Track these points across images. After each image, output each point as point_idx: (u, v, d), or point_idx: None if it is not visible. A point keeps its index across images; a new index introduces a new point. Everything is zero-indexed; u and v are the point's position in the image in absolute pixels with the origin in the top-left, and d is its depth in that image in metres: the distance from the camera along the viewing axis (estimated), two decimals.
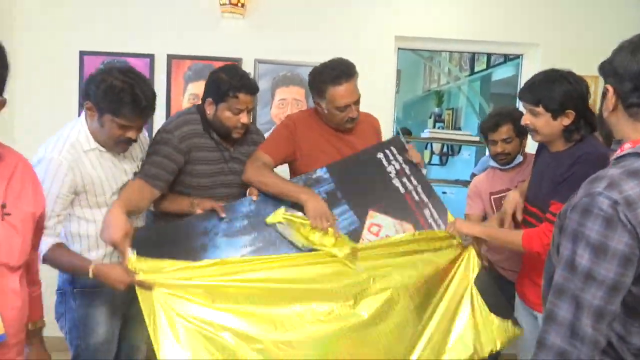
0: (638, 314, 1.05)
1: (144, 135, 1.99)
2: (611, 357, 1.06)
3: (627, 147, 1.10)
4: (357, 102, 2.03)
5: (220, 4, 2.90)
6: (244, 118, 1.90)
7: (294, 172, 2.12)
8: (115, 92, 1.61)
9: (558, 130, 1.73)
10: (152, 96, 1.69)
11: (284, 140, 2.07)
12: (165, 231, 1.86)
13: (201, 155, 1.94)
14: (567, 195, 1.59)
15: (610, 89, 1.12)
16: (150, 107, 1.70)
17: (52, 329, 1.76)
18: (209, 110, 1.94)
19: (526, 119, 1.77)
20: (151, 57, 2.97)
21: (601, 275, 0.99)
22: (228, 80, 1.87)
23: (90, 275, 1.63)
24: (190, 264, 1.67)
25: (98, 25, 2.93)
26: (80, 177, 1.69)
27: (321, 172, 1.98)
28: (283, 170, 2.10)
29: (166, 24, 2.98)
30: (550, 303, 1.07)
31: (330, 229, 1.80)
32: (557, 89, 1.68)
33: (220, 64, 2.20)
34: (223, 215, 1.83)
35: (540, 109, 1.71)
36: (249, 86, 1.89)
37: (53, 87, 2.93)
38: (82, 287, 1.77)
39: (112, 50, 2.93)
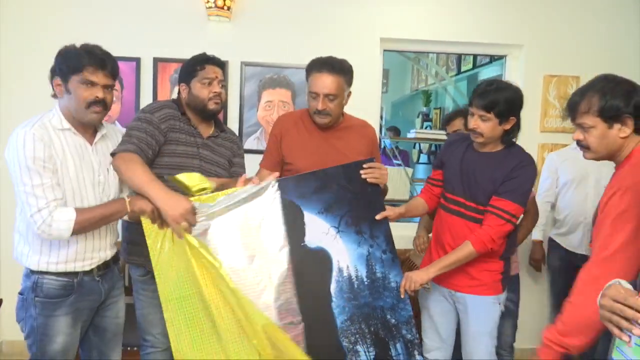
0: None
1: (118, 128, 1.98)
2: None
3: None
4: (329, 97, 2.04)
5: (207, 7, 2.91)
6: (215, 87, 2.02)
7: (283, 171, 2.14)
8: (72, 52, 1.68)
9: (499, 134, 1.90)
10: (108, 52, 1.74)
11: (272, 150, 2.19)
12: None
13: (176, 136, 1.99)
14: (510, 193, 1.83)
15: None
16: (110, 60, 1.72)
17: (17, 333, 1.77)
18: (184, 94, 2.06)
19: (474, 124, 1.88)
20: (137, 60, 2.98)
21: None
22: (193, 59, 2.06)
23: (129, 209, 1.68)
24: None
25: (83, 29, 2.92)
26: (49, 152, 1.61)
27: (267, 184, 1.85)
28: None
29: (152, 27, 2.99)
30: None
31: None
32: (506, 97, 1.84)
33: None
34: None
35: (490, 115, 1.85)
36: (213, 58, 2.06)
37: (37, 94, 2.90)
38: (45, 297, 1.70)
39: None
